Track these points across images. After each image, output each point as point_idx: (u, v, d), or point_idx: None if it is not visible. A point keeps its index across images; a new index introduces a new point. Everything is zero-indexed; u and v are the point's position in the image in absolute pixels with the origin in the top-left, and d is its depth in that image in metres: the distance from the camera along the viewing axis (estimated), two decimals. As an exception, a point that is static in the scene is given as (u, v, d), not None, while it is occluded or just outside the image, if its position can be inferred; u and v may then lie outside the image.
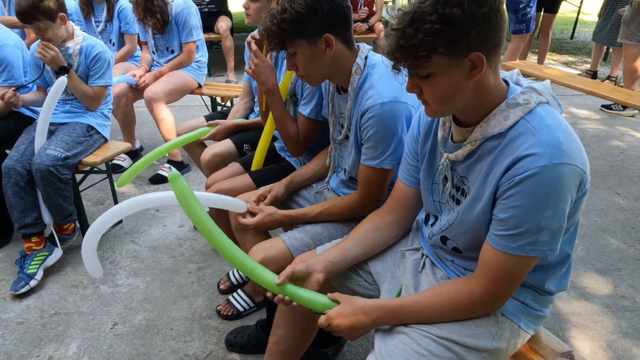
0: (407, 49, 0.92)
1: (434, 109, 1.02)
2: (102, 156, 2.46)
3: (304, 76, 1.48)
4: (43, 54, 2.27)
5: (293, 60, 1.43)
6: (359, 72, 1.45)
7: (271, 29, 1.36)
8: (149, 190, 3.19)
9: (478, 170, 1.04)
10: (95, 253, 1.53)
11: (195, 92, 3.51)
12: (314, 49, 1.39)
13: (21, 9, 2.16)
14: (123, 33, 3.58)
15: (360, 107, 1.43)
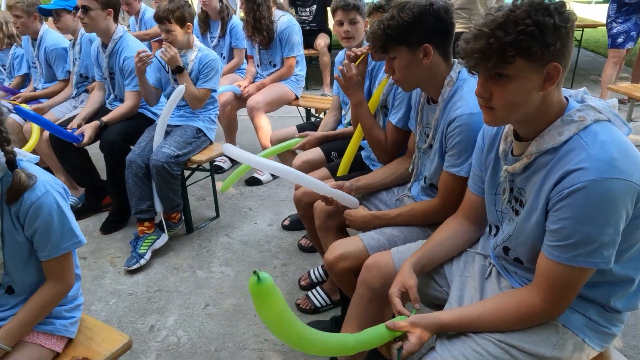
0: (495, 48, 0.98)
1: (498, 115, 1.07)
2: (207, 156, 2.77)
3: (399, 80, 1.57)
4: (165, 53, 2.63)
5: (392, 64, 1.53)
6: (451, 85, 1.54)
7: (377, 32, 1.48)
8: (245, 191, 3.47)
9: (533, 183, 1.09)
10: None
11: (293, 103, 3.77)
12: (413, 56, 1.49)
13: (160, 11, 2.57)
14: (233, 48, 3.95)
15: (448, 116, 1.52)
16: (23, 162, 1.24)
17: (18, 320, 1.26)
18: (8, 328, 1.25)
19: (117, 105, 2.98)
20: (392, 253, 1.51)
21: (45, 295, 1.29)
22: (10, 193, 1.19)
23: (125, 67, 2.82)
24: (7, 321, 1.27)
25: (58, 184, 1.27)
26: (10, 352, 1.25)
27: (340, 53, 2.61)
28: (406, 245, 1.54)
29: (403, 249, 1.52)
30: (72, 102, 3.31)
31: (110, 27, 2.81)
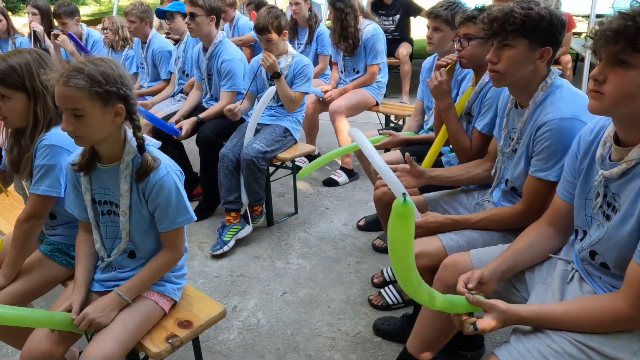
0: (630, 32, 0.99)
1: (605, 102, 1.07)
2: (291, 154, 2.95)
3: (500, 71, 1.53)
4: (265, 60, 2.84)
5: (500, 54, 1.51)
6: (545, 89, 1.57)
7: (510, 14, 1.45)
8: (322, 191, 3.62)
9: (631, 189, 1.11)
10: None
11: (373, 109, 3.87)
12: (529, 53, 1.50)
13: (260, 23, 2.79)
14: (318, 54, 4.13)
15: (538, 120, 1.54)
16: (149, 147, 1.45)
17: (138, 278, 1.47)
18: (130, 284, 1.46)
19: (212, 103, 3.25)
20: (471, 254, 1.55)
21: (161, 261, 1.49)
22: (139, 173, 1.40)
23: (222, 69, 3.07)
24: (129, 279, 1.48)
25: (176, 167, 1.47)
26: (130, 304, 1.46)
27: (428, 59, 2.69)
28: (485, 248, 1.57)
29: (482, 251, 1.56)
30: (172, 99, 3.63)
31: (212, 32, 3.08)
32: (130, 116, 1.38)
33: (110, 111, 1.34)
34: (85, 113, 1.31)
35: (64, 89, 1.29)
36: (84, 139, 1.37)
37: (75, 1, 18.49)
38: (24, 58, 1.56)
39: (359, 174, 3.82)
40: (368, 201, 3.44)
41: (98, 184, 1.48)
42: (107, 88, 1.31)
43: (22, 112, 1.57)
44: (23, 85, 1.54)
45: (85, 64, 1.32)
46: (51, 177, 1.57)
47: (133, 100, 1.38)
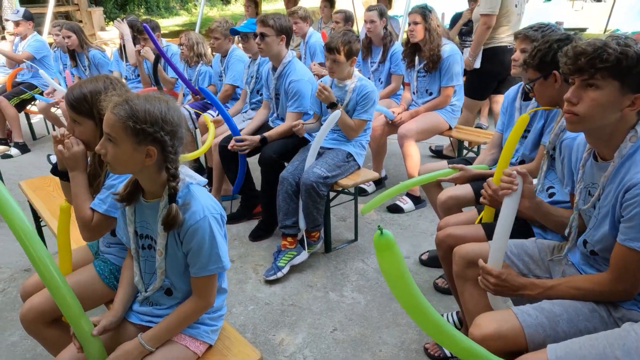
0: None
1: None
2: (353, 181, 2.82)
3: (580, 114, 1.34)
4: (320, 93, 2.79)
5: (582, 94, 1.33)
6: (634, 140, 1.33)
7: (603, 50, 1.27)
8: (386, 217, 3.46)
9: None
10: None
11: (445, 133, 3.65)
12: (618, 98, 1.29)
13: (332, 42, 2.72)
14: (391, 73, 3.98)
15: (626, 179, 1.31)
16: (192, 185, 1.39)
17: (163, 326, 1.42)
18: (154, 332, 1.41)
19: (278, 123, 3.21)
20: (547, 352, 1.27)
21: (188, 309, 1.43)
22: (164, 222, 1.34)
23: (289, 89, 3.02)
24: (154, 326, 1.43)
25: (216, 210, 1.39)
26: (154, 352, 1.41)
27: (512, 89, 2.45)
28: (567, 343, 1.29)
29: (562, 352, 1.26)
30: (241, 116, 3.65)
31: (282, 51, 3.04)
32: (165, 163, 1.33)
33: (142, 150, 1.30)
34: (117, 142, 1.30)
35: (108, 114, 1.30)
36: (113, 166, 1.35)
37: (168, 12, 19.78)
38: (96, 86, 1.59)
39: (426, 201, 3.61)
40: (434, 233, 3.21)
41: (141, 217, 1.45)
42: (142, 126, 1.27)
43: (91, 137, 1.61)
44: (91, 112, 1.58)
45: (138, 97, 1.31)
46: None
47: (172, 148, 1.32)
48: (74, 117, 1.61)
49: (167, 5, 20.56)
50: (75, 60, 4.78)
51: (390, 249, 1.13)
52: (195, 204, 1.35)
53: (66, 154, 1.59)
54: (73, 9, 10.15)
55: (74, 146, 1.59)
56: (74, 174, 1.62)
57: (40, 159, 4.91)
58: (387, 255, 1.14)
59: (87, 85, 1.60)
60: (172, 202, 1.33)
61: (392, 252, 1.14)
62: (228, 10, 21.62)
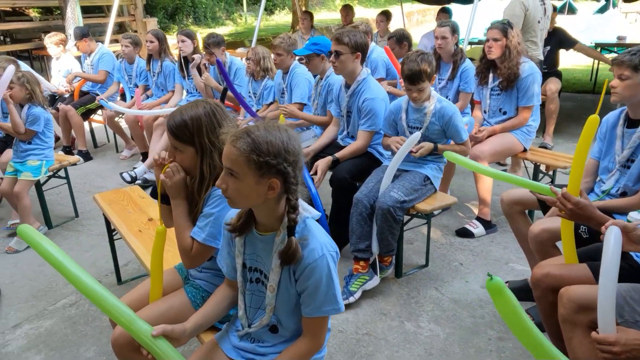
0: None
1: None
2: (431, 205, 2.70)
3: None
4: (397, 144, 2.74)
5: None
6: None
7: None
8: (455, 242, 3.31)
9: None
10: None
11: (519, 155, 3.48)
12: None
13: (413, 71, 2.61)
14: (460, 91, 3.85)
15: None
16: (308, 220, 1.32)
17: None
18: None
19: (348, 141, 3.14)
20: None
21: (300, 350, 1.35)
22: (282, 256, 1.27)
23: (363, 107, 2.94)
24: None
25: (333, 248, 1.32)
26: None
27: (612, 113, 2.28)
28: None
29: None
30: (308, 132, 3.60)
31: (357, 69, 2.97)
32: (287, 195, 1.27)
33: (264, 183, 1.24)
34: (239, 177, 1.24)
35: (229, 148, 1.24)
36: (233, 201, 1.29)
37: (214, 22, 20.20)
38: (197, 113, 1.56)
39: (497, 226, 3.45)
40: (509, 261, 3.06)
41: (251, 249, 1.39)
42: (266, 159, 1.21)
43: (192, 165, 1.58)
44: (192, 140, 1.55)
45: (258, 128, 1.25)
46: (214, 227, 1.54)
47: (294, 179, 1.26)
48: (175, 144, 1.58)
49: (214, 15, 20.99)
50: (148, 65, 4.87)
51: (502, 294, 1.21)
52: (313, 240, 1.28)
53: (168, 182, 1.56)
54: (129, 19, 10.45)
55: (175, 175, 1.56)
56: (176, 202, 1.59)
57: (101, 167, 5.02)
58: (500, 299, 1.22)
59: (187, 112, 1.57)
60: (291, 235, 1.26)
61: (504, 296, 1.21)
62: (272, 21, 21.86)
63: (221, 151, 1.46)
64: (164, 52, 4.75)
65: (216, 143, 1.55)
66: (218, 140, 1.54)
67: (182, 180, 1.57)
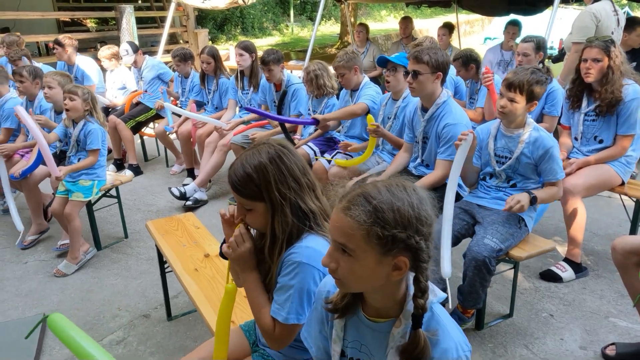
0: None
1: None
2: (527, 252, 2.32)
3: None
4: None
5: None
6: None
7: None
8: (541, 287, 2.90)
9: None
10: None
11: (616, 190, 3.05)
12: None
13: (516, 79, 2.28)
14: (544, 114, 3.46)
15: None
16: (435, 306, 1.01)
17: None
18: None
19: (422, 170, 2.81)
20: None
21: None
22: (405, 356, 0.96)
23: (443, 134, 2.62)
24: None
25: (467, 347, 1.02)
26: None
27: None
28: None
29: None
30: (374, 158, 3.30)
31: (436, 91, 2.65)
32: (416, 274, 0.97)
33: (388, 262, 0.95)
34: (355, 254, 0.95)
35: (341, 217, 0.96)
36: (344, 284, 1.01)
37: (262, 32, 20.31)
38: (260, 161, 1.30)
39: (588, 269, 3.02)
40: (608, 314, 2.63)
41: (355, 336, 1.09)
42: (393, 232, 0.92)
43: (263, 221, 1.33)
44: (261, 194, 1.29)
45: (378, 189, 0.96)
46: (295, 302, 1.26)
47: (426, 255, 0.96)
48: (242, 202, 1.32)
49: (261, 25, 21.12)
50: (203, 83, 4.72)
51: None
52: (445, 337, 0.98)
53: (232, 255, 1.31)
54: (181, 30, 10.49)
55: (239, 246, 1.32)
56: (244, 276, 1.35)
57: (151, 182, 4.88)
58: None
59: (250, 161, 1.30)
60: (417, 327, 0.96)
61: None
62: (318, 32, 21.78)
63: (293, 204, 1.28)
64: (219, 70, 4.58)
65: (287, 195, 1.29)
66: (290, 191, 1.29)
67: (247, 252, 1.32)
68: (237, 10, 18.25)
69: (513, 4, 8.35)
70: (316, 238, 1.31)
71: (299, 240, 1.30)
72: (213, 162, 4.17)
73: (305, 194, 1.32)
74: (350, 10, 12.78)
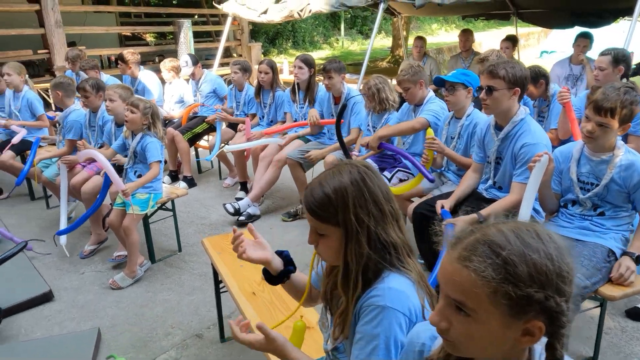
0: None
1: None
2: (622, 291, 2.05)
3: None
4: None
5: None
6: None
7: None
8: (627, 326, 2.60)
9: None
10: None
11: None
12: None
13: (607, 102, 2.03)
14: (629, 134, 3.14)
15: None
16: None
17: None
18: None
19: (494, 193, 2.60)
20: None
21: None
22: None
23: (520, 154, 2.40)
24: None
25: None
26: None
27: None
28: None
29: None
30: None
31: (513, 108, 2.45)
32: (551, 341, 0.80)
33: (518, 327, 0.78)
34: (475, 315, 0.79)
35: (457, 268, 0.80)
36: (457, 347, 0.85)
37: (312, 46, 20.47)
38: (341, 183, 1.16)
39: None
40: None
41: None
42: (528, 291, 0.75)
43: (337, 252, 1.19)
44: (336, 218, 1.16)
45: (507, 236, 0.79)
46: (382, 353, 1.10)
47: (566, 318, 0.79)
48: (317, 227, 1.19)
49: (312, 39, 21.31)
50: (258, 96, 4.69)
51: None
52: None
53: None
54: (235, 44, 10.69)
55: (255, 344, 1.24)
56: None
57: (204, 195, 4.87)
58: None
59: (330, 182, 1.17)
60: None
61: None
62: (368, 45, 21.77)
63: (371, 233, 1.14)
64: (275, 82, 4.54)
65: (366, 222, 1.14)
66: (370, 218, 1.15)
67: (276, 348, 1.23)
68: (288, 24, 18.50)
69: (577, 16, 7.92)
70: (398, 277, 1.15)
71: (378, 279, 1.15)
72: (268, 177, 4.10)
73: (387, 224, 1.18)
74: (403, 24, 12.61)
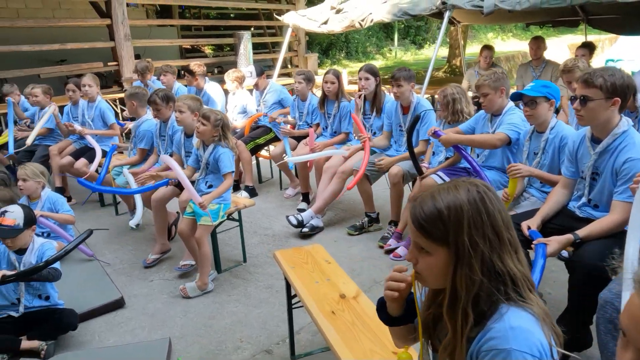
0: None
1: None
2: None
3: None
4: None
5: None
6: None
7: None
8: None
9: None
10: None
11: None
12: None
13: None
14: None
15: None
16: None
17: None
18: None
19: (589, 212, 2.39)
20: None
21: None
22: None
23: (624, 170, 2.19)
24: None
25: None
26: None
27: None
28: None
29: None
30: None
31: (612, 119, 2.24)
32: None
33: None
34: None
35: None
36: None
37: (365, 56, 20.41)
38: (457, 200, 1.05)
39: None
40: None
41: None
42: None
43: (439, 275, 1.08)
44: (446, 238, 1.04)
45: None
46: None
47: None
48: (420, 242, 1.08)
49: (365, 50, 21.26)
50: (322, 107, 4.65)
51: None
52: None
53: None
54: (292, 55, 10.80)
55: None
56: None
57: (266, 205, 4.85)
58: None
59: (443, 197, 1.06)
60: None
61: None
62: (422, 55, 21.37)
63: (486, 259, 1.03)
64: (340, 92, 4.48)
65: (480, 246, 1.03)
66: (485, 243, 1.03)
67: None
68: (342, 35, 18.54)
69: (651, 21, 7.41)
70: (519, 312, 1.02)
71: (494, 313, 1.03)
72: (332, 189, 4.03)
73: (504, 252, 1.05)
74: (461, 33, 12.30)
